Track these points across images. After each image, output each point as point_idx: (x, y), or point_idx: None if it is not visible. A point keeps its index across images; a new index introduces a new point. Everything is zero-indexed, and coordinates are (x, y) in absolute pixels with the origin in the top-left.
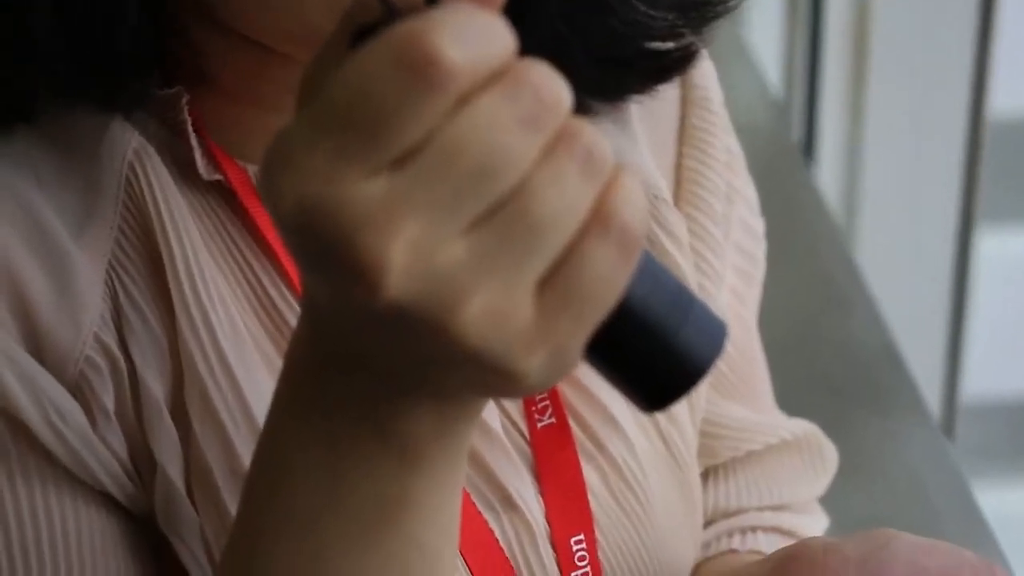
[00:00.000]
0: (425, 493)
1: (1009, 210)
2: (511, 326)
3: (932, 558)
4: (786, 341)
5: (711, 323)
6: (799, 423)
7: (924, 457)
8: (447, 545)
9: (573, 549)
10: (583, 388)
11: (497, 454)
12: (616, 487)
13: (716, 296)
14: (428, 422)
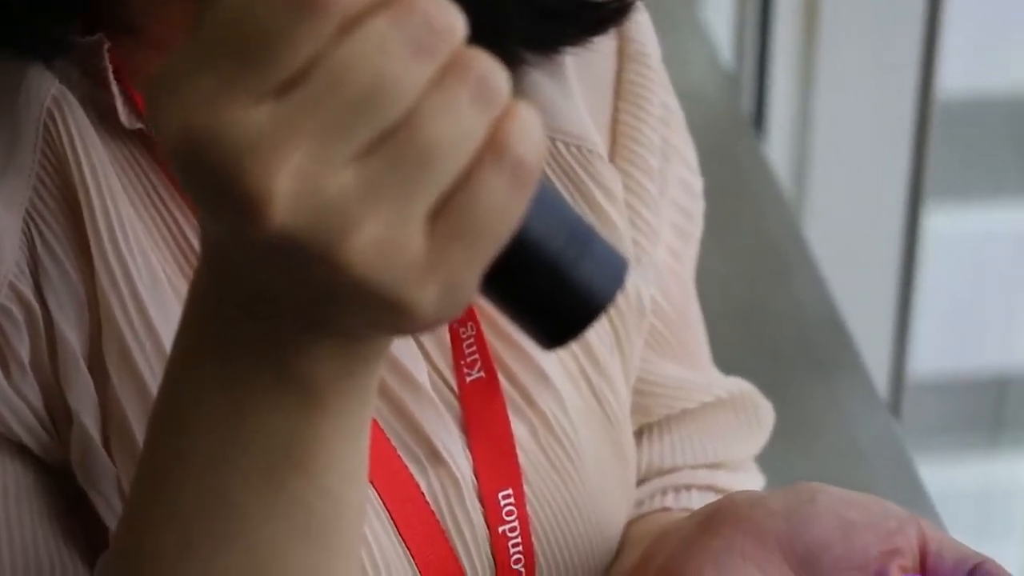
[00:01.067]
0: (329, 436)
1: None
2: (401, 257)
3: (858, 511)
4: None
5: (611, 258)
6: (735, 382)
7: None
8: (354, 492)
9: (501, 503)
10: (513, 343)
11: (424, 408)
12: (545, 441)
13: (652, 253)
14: (330, 363)
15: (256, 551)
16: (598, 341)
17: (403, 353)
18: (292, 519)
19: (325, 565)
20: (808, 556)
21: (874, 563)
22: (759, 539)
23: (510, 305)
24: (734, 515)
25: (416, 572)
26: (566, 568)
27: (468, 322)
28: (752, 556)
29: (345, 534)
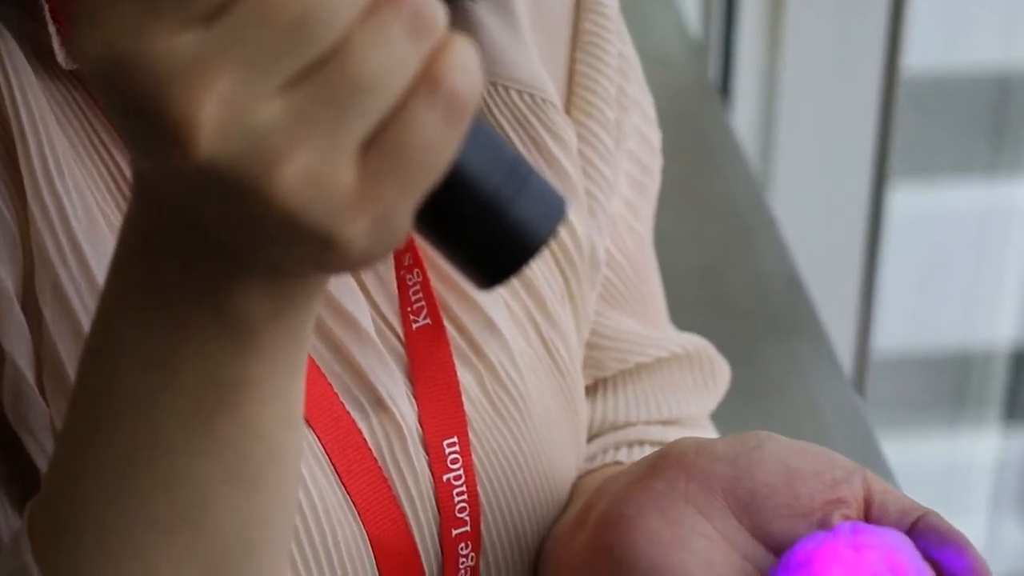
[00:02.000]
0: (263, 377)
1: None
2: (331, 190)
3: (804, 459)
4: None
5: (549, 197)
6: (690, 338)
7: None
8: (288, 435)
9: (446, 452)
10: (461, 291)
11: (369, 354)
12: (492, 390)
13: (606, 205)
14: (263, 303)
15: (187, 495)
16: (549, 291)
17: (347, 299)
18: (224, 462)
19: (258, 509)
20: (751, 502)
21: (817, 511)
22: (703, 483)
23: (446, 243)
24: (679, 460)
25: (357, 519)
26: (512, 518)
27: (415, 269)
28: (695, 500)
29: (279, 479)
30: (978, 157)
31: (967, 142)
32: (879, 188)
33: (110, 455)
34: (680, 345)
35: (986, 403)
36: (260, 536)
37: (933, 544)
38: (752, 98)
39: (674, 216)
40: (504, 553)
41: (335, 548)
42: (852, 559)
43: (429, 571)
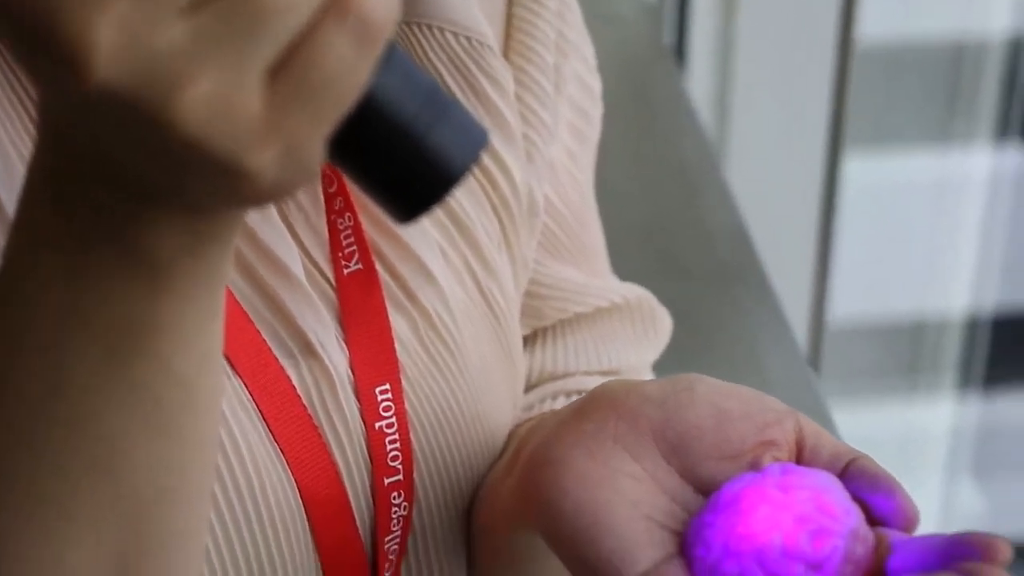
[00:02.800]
0: (177, 317)
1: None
2: (236, 117)
3: (735, 401)
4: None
5: (468, 127)
6: (631, 288)
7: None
8: (206, 379)
9: (378, 399)
10: (395, 236)
11: (298, 300)
12: (427, 337)
13: (545, 151)
14: (174, 239)
15: (101, 440)
16: (485, 238)
17: (277, 244)
18: (138, 406)
19: (176, 455)
20: (680, 443)
21: (748, 454)
22: (632, 424)
23: (363, 174)
24: (609, 401)
25: (286, 467)
26: (446, 466)
27: (346, 213)
28: (624, 440)
29: (197, 423)
30: (932, 126)
31: (921, 111)
32: (834, 157)
33: (19, 399)
34: (621, 295)
35: (940, 371)
36: (179, 483)
37: (864, 487)
38: (707, 61)
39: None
40: (438, 502)
41: (262, 497)
42: (779, 499)
43: (360, 520)
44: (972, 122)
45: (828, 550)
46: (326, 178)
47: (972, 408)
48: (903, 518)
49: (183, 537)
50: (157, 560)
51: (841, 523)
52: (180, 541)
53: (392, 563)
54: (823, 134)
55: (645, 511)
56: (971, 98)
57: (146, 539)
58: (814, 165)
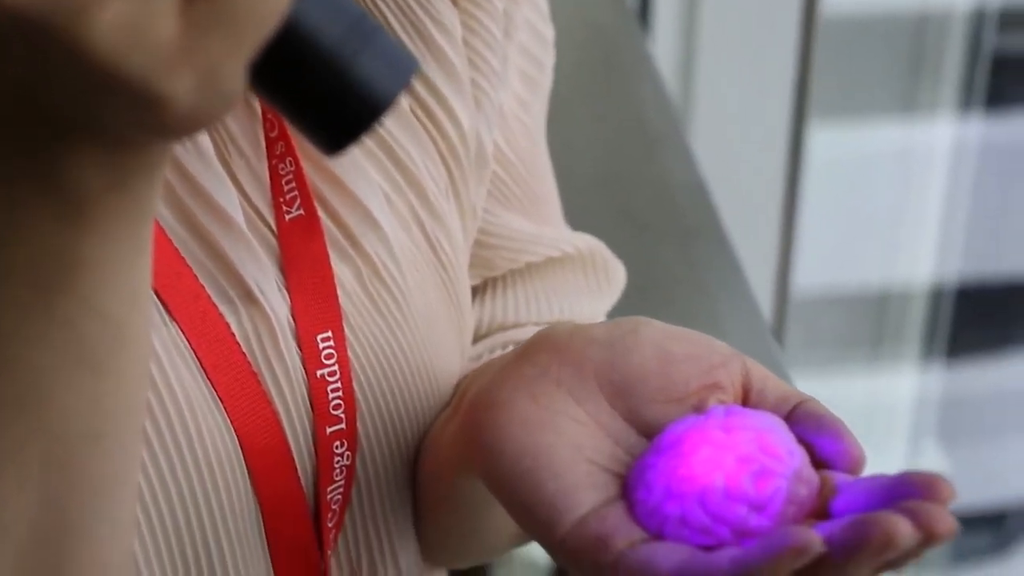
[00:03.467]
0: (100, 254)
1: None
2: (149, 40)
3: (681, 344)
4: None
5: (396, 55)
6: (583, 237)
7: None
8: (133, 317)
9: (320, 347)
10: (338, 182)
11: (237, 245)
12: (370, 284)
13: (494, 97)
14: (95, 172)
15: (26, 379)
16: (433, 185)
17: (216, 189)
18: (64, 344)
19: (104, 396)
20: (624, 386)
21: (692, 396)
22: (575, 367)
23: (287, 103)
24: (552, 344)
25: (224, 416)
26: (390, 415)
27: (287, 158)
28: (567, 384)
29: (125, 362)
30: (897, 96)
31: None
32: (798, 126)
33: None
34: (573, 245)
35: (905, 341)
36: (107, 425)
37: (810, 430)
38: (671, 26)
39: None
40: (382, 452)
41: (200, 446)
42: (722, 440)
43: (303, 470)
44: (936, 92)
45: (771, 491)
46: (267, 123)
47: (936, 377)
48: (849, 460)
49: (113, 480)
50: (86, 502)
51: (784, 464)
52: (110, 484)
53: (335, 513)
54: (787, 103)
55: (587, 454)
56: (935, 68)
57: (74, 480)
58: (779, 134)
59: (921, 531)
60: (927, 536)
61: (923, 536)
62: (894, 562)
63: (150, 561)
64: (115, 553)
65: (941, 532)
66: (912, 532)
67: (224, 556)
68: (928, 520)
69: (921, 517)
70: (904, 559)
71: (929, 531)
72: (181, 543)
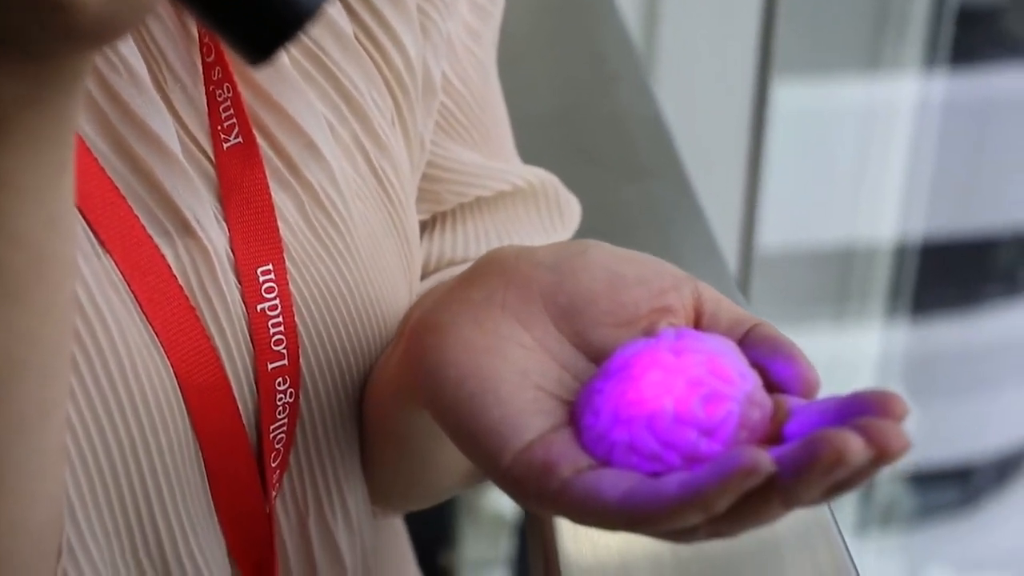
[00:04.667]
0: (18, 173)
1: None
2: None
3: (631, 267)
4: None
5: None
6: (536, 171)
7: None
8: (57, 242)
9: (260, 280)
10: (278, 108)
11: (174, 175)
12: (313, 215)
13: (442, 27)
14: (10, 85)
15: None
16: (378, 114)
17: (151, 116)
18: None
19: (26, 324)
20: (571, 308)
21: (642, 320)
22: (522, 290)
23: (207, 8)
24: (498, 266)
25: (160, 352)
26: (335, 351)
27: (225, 83)
28: (512, 308)
29: (48, 290)
30: (862, 52)
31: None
32: (763, 82)
33: None
34: (524, 179)
35: (869, 298)
36: (30, 354)
37: (764, 353)
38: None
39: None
40: (326, 389)
41: (136, 382)
42: (672, 363)
43: (244, 407)
44: (901, 47)
45: (722, 415)
46: (204, 47)
47: (901, 333)
48: (803, 384)
49: (37, 411)
50: (8, 433)
51: (736, 387)
52: (33, 415)
53: (279, 453)
54: (752, 59)
55: (534, 380)
56: (900, 23)
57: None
58: (743, 90)
59: (873, 448)
60: (879, 453)
61: (875, 453)
62: (847, 482)
63: (83, 497)
64: (44, 484)
65: (894, 448)
66: (863, 448)
67: (163, 495)
68: (880, 436)
69: (873, 433)
70: (857, 478)
71: (881, 448)
72: (117, 481)
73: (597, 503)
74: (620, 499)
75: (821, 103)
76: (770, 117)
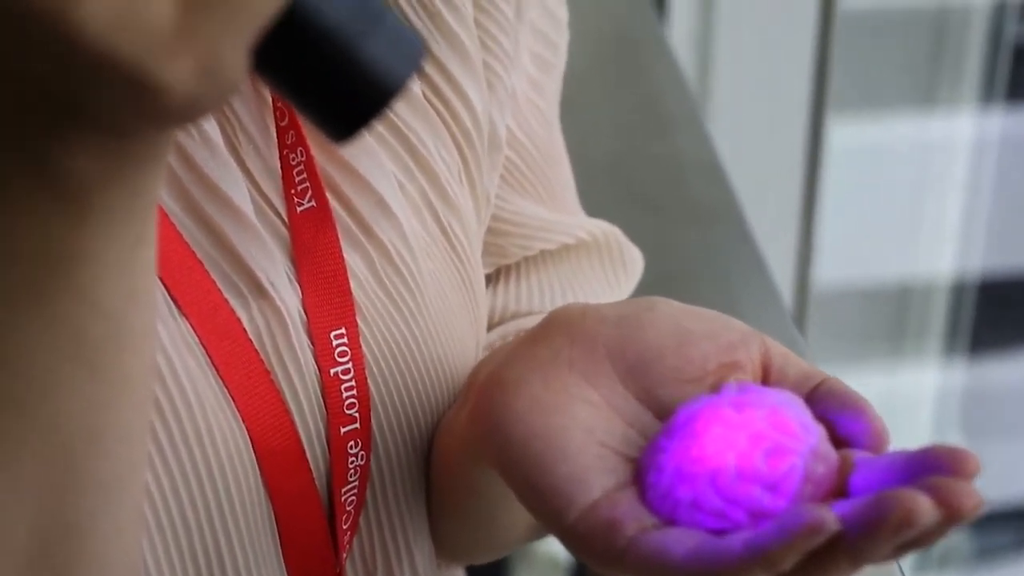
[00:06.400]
0: (98, 246)
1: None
2: (144, 24)
3: (698, 322)
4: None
5: (404, 37)
6: (599, 223)
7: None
8: (135, 314)
9: (333, 343)
10: (351, 169)
11: (248, 238)
12: (384, 273)
13: (507, 80)
14: (93, 160)
15: (22, 376)
16: (445, 170)
17: (225, 180)
18: (61, 341)
19: (103, 393)
20: (639, 364)
21: (710, 376)
22: (588, 347)
23: (292, 88)
24: (565, 324)
25: (236, 415)
26: (405, 412)
27: (298, 147)
28: (579, 365)
29: (127, 360)
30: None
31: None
32: (817, 118)
33: None
34: (588, 231)
35: (927, 335)
36: (107, 423)
37: (832, 407)
38: (688, 11)
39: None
40: (396, 450)
41: (211, 444)
42: (734, 419)
43: (316, 470)
44: (957, 85)
45: (785, 468)
46: (278, 111)
47: (958, 372)
48: (872, 438)
49: (115, 479)
50: (87, 502)
51: (799, 441)
52: (112, 483)
53: (350, 515)
54: (806, 95)
55: (600, 437)
56: (956, 61)
57: (73, 480)
58: (797, 127)
59: (943, 508)
60: (950, 513)
61: (945, 513)
62: (915, 541)
63: (159, 562)
64: (120, 553)
65: (965, 509)
66: (933, 509)
67: (236, 558)
68: (950, 496)
69: (943, 493)
70: (927, 538)
71: (951, 508)
72: (191, 544)
73: (663, 562)
74: (686, 558)
75: (876, 140)
76: (825, 154)
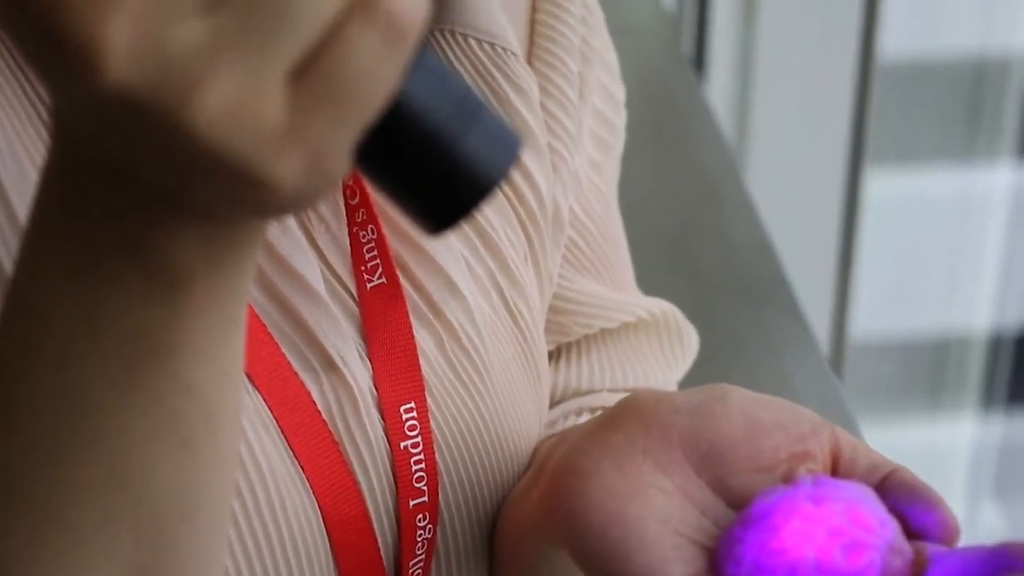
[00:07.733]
0: (195, 330)
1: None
2: (256, 122)
3: (769, 412)
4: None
5: (502, 133)
6: (657, 303)
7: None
8: (226, 395)
9: (403, 418)
10: (420, 249)
11: (319, 314)
12: (452, 353)
13: (570, 162)
14: (193, 248)
15: (117, 458)
16: (512, 251)
17: (297, 257)
18: (156, 422)
19: (195, 473)
20: (712, 454)
21: (781, 465)
22: (662, 435)
23: (390, 183)
24: (638, 412)
25: (307, 487)
26: (471, 486)
27: (369, 225)
28: (653, 453)
29: (217, 440)
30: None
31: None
32: (855, 172)
33: (32, 419)
34: (647, 310)
35: (963, 389)
36: (198, 501)
37: (903, 500)
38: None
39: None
40: (463, 524)
41: (283, 516)
42: (812, 512)
43: (384, 543)
44: (995, 139)
45: (864, 564)
46: (348, 189)
47: (995, 427)
48: (943, 531)
49: (203, 558)
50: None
51: (877, 536)
52: (200, 562)
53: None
54: (844, 148)
55: (675, 526)
56: (994, 115)
57: (164, 560)
58: (835, 179)
59: None
60: None
61: None
62: None
63: None
64: None
65: None
66: None
67: None
68: None
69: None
70: None
71: None
72: None
73: None
74: None
75: (914, 193)
76: (863, 207)
